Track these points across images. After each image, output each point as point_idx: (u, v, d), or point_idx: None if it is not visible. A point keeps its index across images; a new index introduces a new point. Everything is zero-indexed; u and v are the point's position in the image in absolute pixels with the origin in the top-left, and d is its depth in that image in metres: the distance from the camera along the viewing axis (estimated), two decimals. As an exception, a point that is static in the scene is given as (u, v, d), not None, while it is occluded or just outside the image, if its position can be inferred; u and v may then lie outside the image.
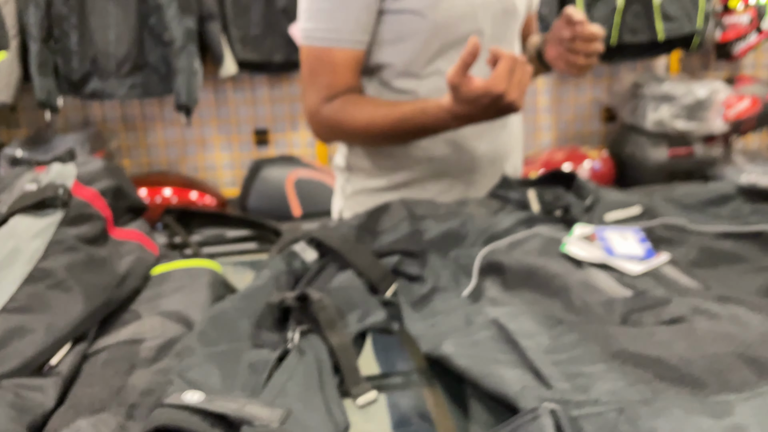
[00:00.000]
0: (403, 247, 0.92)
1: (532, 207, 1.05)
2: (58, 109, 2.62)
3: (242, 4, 2.68)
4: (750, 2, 2.90)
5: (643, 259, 0.88)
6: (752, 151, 3.33)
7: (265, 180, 2.70)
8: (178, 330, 0.66)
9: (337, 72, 1.13)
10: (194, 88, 2.61)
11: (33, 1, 2.49)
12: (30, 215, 0.71)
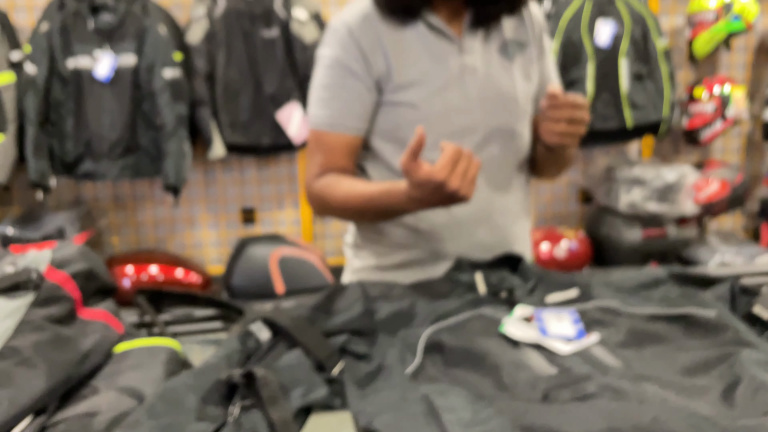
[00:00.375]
0: (354, 327, 0.99)
1: (479, 289, 1.12)
2: (50, 190, 2.72)
3: (232, 91, 2.82)
4: (714, 92, 3.06)
5: (573, 340, 0.94)
6: (726, 232, 3.43)
7: (250, 258, 2.78)
8: (131, 404, 0.72)
9: (331, 153, 1.26)
10: (183, 169, 2.72)
11: (33, 88, 2.62)
12: (3, 297, 0.78)
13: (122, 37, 2.67)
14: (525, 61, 1.31)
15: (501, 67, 1.28)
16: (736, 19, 2.94)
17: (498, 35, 1.29)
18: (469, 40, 1.27)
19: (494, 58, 1.29)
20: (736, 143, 3.45)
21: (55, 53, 2.64)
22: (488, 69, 1.28)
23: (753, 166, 3.46)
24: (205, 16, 2.77)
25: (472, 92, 1.27)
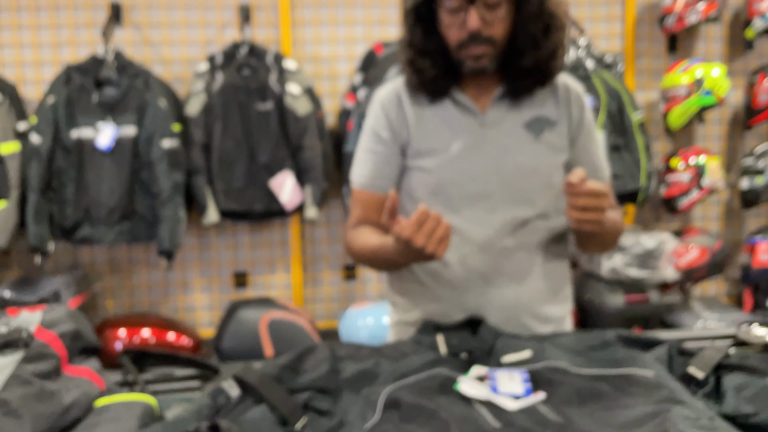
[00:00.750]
0: (320, 385, 1.06)
1: (441, 349, 1.21)
2: (49, 254, 2.81)
3: (227, 160, 2.95)
4: (690, 162, 3.19)
5: (521, 397, 1.02)
6: (709, 298, 3.50)
7: (240, 321, 2.84)
8: (105, 453, 0.80)
9: (365, 208, 1.45)
10: (178, 234, 2.82)
11: (36, 157, 2.75)
12: (-5, 354, 0.87)
13: (124, 110, 2.82)
14: (554, 137, 1.39)
15: (524, 141, 1.38)
16: (707, 94, 3.09)
17: (528, 110, 1.39)
18: (494, 113, 1.38)
19: (518, 132, 1.38)
20: (716, 211, 3.56)
21: (59, 124, 2.78)
22: (509, 142, 1.38)
23: (732, 233, 3.56)
24: (203, 90, 2.93)
25: (489, 162, 1.37)
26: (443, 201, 1.39)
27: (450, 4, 1.29)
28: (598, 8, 3.35)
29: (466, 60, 1.34)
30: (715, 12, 3.12)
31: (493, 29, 1.30)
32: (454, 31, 1.32)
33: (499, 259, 1.39)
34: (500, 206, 1.37)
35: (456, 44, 1.33)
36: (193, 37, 3.12)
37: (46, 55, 3.05)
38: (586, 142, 1.43)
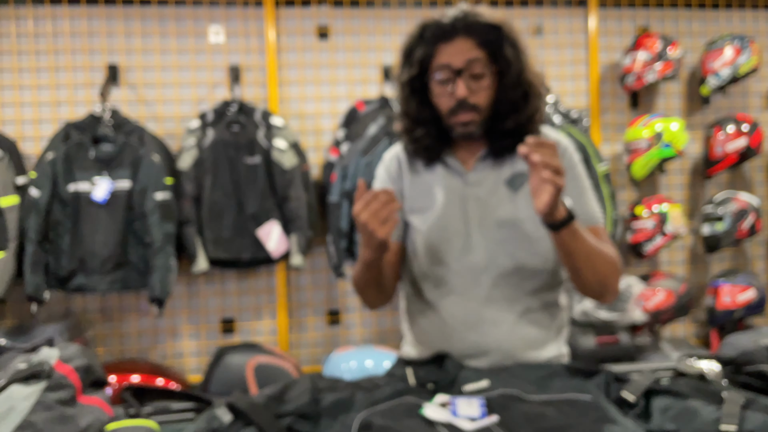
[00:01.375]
0: (301, 412, 1.21)
1: (410, 381, 1.36)
2: (44, 302, 2.93)
3: (216, 211, 3.12)
4: (653, 210, 3.40)
5: (477, 419, 1.17)
6: (678, 339, 3.66)
7: (227, 365, 2.95)
8: (117, 465, 0.94)
9: None
10: (168, 283, 2.95)
11: (35, 209, 2.90)
12: (23, 384, 1.01)
13: (119, 165, 2.98)
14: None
15: (505, 197, 1.51)
16: (666, 146, 3.31)
17: (509, 167, 1.53)
18: (478, 173, 1.53)
19: (500, 189, 1.52)
20: (681, 256, 3.75)
21: (57, 179, 2.94)
22: (490, 198, 1.51)
23: (698, 276, 3.75)
24: (195, 145, 3.11)
25: (472, 218, 1.52)
26: (433, 255, 1.54)
27: (440, 76, 1.46)
28: (565, 67, 3.60)
29: (456, 126, 1.50)
30: (671, 71, 3.37)
31: (478, 97, 1.47)
32: (444, 100, 1.48)
33: (485, 308, 1.51)
34: (484, 259, 1.50)
35: (447, 111, 1.49)
36: (185, 96, 3.32)
37: (46, 114, 3.23)
38: (572, 189, 1.51)
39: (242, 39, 3.35)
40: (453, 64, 1.45)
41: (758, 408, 1.19)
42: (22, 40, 3.20)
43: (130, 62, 3.28)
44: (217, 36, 3.32)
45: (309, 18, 3.39)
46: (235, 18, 3.34)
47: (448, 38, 1.46)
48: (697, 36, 3.69)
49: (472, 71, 1.45)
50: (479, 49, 1.45)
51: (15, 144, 3.10)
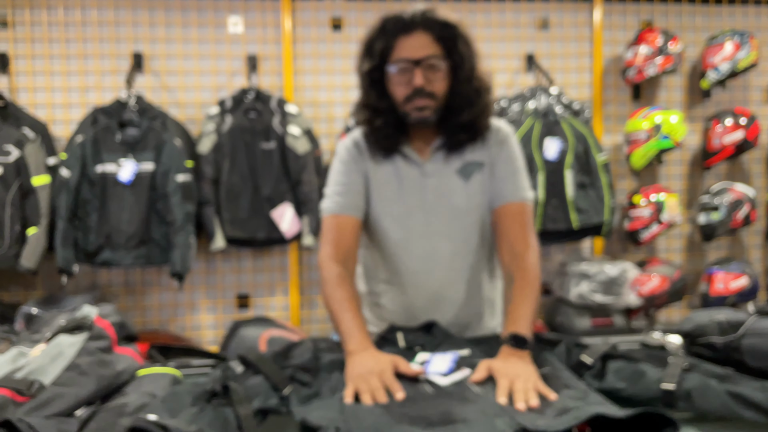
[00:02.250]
0: (303, 366, 1.40)
1: (400, 344, 1.54)
2: (74, 275, 3.15)
3: (234, 193, 3.31)
4: (651, 198, 3.54)
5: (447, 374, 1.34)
6: (674, 323, 3.80)
7: (242, 338, 3.15)
8: (149, 399, 1.13)
9: (338, 231, 1.67)
10: (188, 259, 3.16)
11: (65, 188, 3.11)
12: (68, 334, 1.20)
13: (143, 148, 3.18)
14: (483, 178, 1.69)
15: (457, 186, 1.68)
16: (665, 138, 3.45)
17: (459, 158, 1.69)
18: (433, 164, 1.68)
19: (452, 178, 1.68)
20: (679, 244, 3.89)
21: (86, 160, 3.14)
22: (445, 188, 1.68)
23: (694, 264, 3.89)
24: (214, 131, 3.30)
25: (430, 206, 1.69)
26: (395, 241, 1.70)
27: (399, 66, 1.59)
28: (569, 60, 3.73)
29: (411, 112, 1.62)
30: (671, 65, 3.49)
31: (434, 86, 1.60)
32: (401, 88, 1.61)
33: (442, 288, 1.71)
34: (440, 243, 1.69)
35: (403, 98, 1.62)
36: (205, 84, 3.50)
37: (75, 98, 3.43)
38: (502, 164, 1.68)
39: (260, 29, 3.52)
40: (412, 56, 1.58)
41: (698, 371, 1.37)
42: (52, 29, 3.40)
43: (154, 51, 3.47)
44: (235, 26, 3.50)
45: (323, 10, 3.55)
46: (253, 9, 3.51)
47: (408, 31, 1.59)
48: (700, 31, 3.80)
49: (429, 63, 1.58)
50: (436, 44, 1.59)
51: (46, 127, 3.31)
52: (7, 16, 3.37)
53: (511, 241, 1.64)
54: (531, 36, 3.71)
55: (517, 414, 1.13)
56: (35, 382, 1.06)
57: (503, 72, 3.69)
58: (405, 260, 1.70)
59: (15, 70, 3.39)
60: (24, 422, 0.89)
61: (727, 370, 1.40)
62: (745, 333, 1.56)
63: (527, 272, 1.60)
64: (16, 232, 3.08)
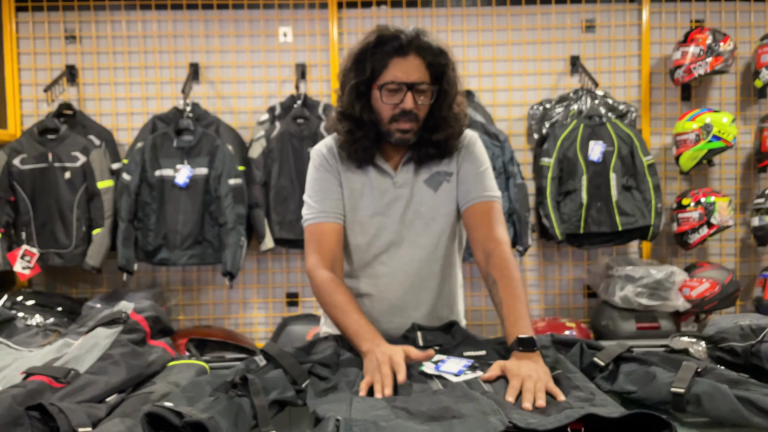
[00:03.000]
0: (324, 362, 1.48)
1: (419, 342, 1.61)
2: (133, 273, 3.35)
3: (282, 196, 3.44)
4: (700, 201, 3.47)
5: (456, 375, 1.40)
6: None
7: (290, 334, 3.28)
8: (173, 389, 1.24)
9: (321, 239, 1.72)
10: (238, 259, 3.31)
11: (126, 192, 3.31)
12: (105, 326, 1.33)
13: (198, 153, 3.35)
14: (450, 187, 1.75)
15: (425, 196, 1.74)
16: (715, 139, 3.38)
17: (426, 169, 1.75)
18: (403, 175, 1.74)
19: (421, 188, 1.75)
20: (733, 248, 3.79)
21: (145, 165, 3.33)
22: (413, 196, 1.74)
23: (749, 268, 3.78)
24: (264, 136, 3.44)
25: (401, 215, 1.75)
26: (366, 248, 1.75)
27: (392, 86, 1.60)
28: (616, 61, 3.70)
29: (395, 132, 1.66)
30: (721, 65, 3.42)
31: (420, 110, 1.65)
32: (389, 108, 1.63)
33: (408, 294, 1.76)
34: (409, 249, 1.74)
35: (389, 118, 1.64)
36: (257, 91, 3.65)
37: (137, 107, 3.65)
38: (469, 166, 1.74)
39: (308, 38, 3.64)
40: (405, 80, 1.60)
41: (710, 375, 1.37)
42: (116, 42, 3.62)
43: (209, 61, 3.64)
44: (285, 36, 3.63)
45: (369, 18, 3.65)
46: (302, 19, 3.64)
47: (402, 54, 1.60)
48: (755, 29, 3.70)
49: (419, 88, 1.62)
50: (427, 70, 1.62)
51: (111, 134, 3.53)
52: (75, 31, 3.61)
53: (482, 240, 1.69)
54: (576, 38, 3.69)
55: (512, 412, 1.18)
56: (72, 370, 1.18)
57: (548, 74, 3.69)
58: (374, 265, 1.76)
59: (82, 81, 3.63)
60: (55, 406, 1.01)
61: (741, 376, 1.40)
62: (765, 338, 1.55)
63: (506, 269, 1.61)
64: (83, 233, 3.30)
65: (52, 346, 1.32)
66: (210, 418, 1.08)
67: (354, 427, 1.08)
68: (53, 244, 3.30)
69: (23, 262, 3.25)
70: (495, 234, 1.68)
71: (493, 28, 3.66)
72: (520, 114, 3.70)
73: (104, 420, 1.11)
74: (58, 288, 3.67)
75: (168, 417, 1.06)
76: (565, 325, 3.44)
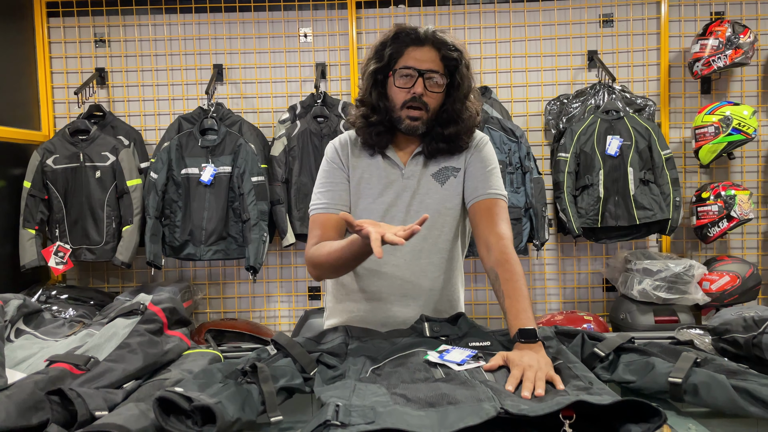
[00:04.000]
0: (332, 351, 1.55)
1: (426, 333, 1.66)
2: (161, 268, 3.46)
3: (303, 193, 3.52)
4: (720, 194, 3.46)
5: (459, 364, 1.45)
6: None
7: (311, 326, 3.36)
8: (186, 376, 1.32)
9: (324, 229, 1.78)
10: (261, 254, 3.40)
11: (154, 189, 3.42)
12: (124, 317, 1.41)
13: (222, 152, 3.45)
14: (456, 183, 1.82)
15: (431, 188, 1.81)
16: (735, 132, 3.36)
17: (435, 164, 1.82)
18: (412, 167, 1.81)
19: (428, 181, 1.81)
20: (755, 241, 3.77)
21: (172, 164, 3.44)
22: (420, 188, 1.81)
23: (772, 261, 3.76)
24: (285, 135, 3.52)
25: (408, 205, 1.81)
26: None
27: (405, 72, 1.71)
28: (635, 55, 3.70)
29: (405, 119, 1.73)
30: (740, 57, 3.40)
31: (430, 99, 1.72)
32: (401, 93, 1.72)
33: (417, 280, 1.82)
34: (414, 240, 1.76)
35: (400, 103, 1.73)
36: (278, 91, 3.74)
37: (164, 107, 3.76)
38: (476, 164, 1.81)
39: (328, 38, 3.71)
40: (418, 66, 1.70)
41: (709, 366, 1.41)
42: (143, 45, 3.74)
43: (233, 62, 3.74)
44: (306, 37, 3.71)
45: (387, 17, 3.70)
46: (322, 19, 3.71)
47: (418, 45, 1.71)
48: (777, 20, 3.67)
49: (430, 77, 1.70)
50: (440, 61, 1.71)
51: (139, 134, 3.64)
52: (104, 35, 3.73)
53: (485, 236, 1.74)
54: (594, 33, 3.70)
55: (506, 398, 1.23)
56: (92, 358, 1.27)
57: (565, 70, 3.71)
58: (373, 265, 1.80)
59: (111, 83, 3.75)
60: (73, 391, 1.09)
61: (741, 366, 1.43)
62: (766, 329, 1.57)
63: (507, 264, 1.66)
64: (113, 229, 3.42)
65: (76, 335, 1.41)
66: (217, 402, 1.15)
67: (353, 412, 1.15)
68: (85, 241, 3.43)
69: (57, 258, 3.39)
70: (497, 230, 1.73)
71: (510, 25, 3.69)
72: (537, 110, 3.72)
73: (120, 404, 1.19)
74: (91, 283, 3.81)
75: (178, 401, 1.13)
76: (583, 319, 3.46)
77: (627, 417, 1.18)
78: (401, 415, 1.14)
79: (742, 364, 1.47)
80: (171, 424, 1.11)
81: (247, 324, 3.60)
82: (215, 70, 3.69)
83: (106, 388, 1.21)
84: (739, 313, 1.71)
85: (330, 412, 1.13)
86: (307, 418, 1.31)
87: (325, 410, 1.15)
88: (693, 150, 3.51)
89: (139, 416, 1.06)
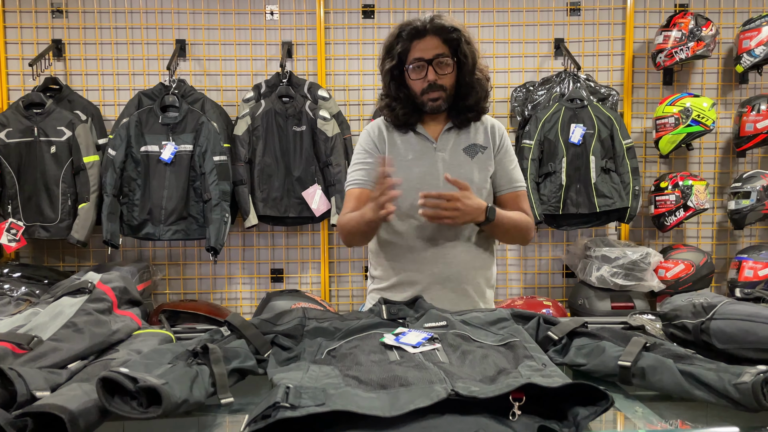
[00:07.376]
0: (287, 333, 1.54)
1: (384, 315, 1.66)
2: (118, 247, 3.39)
3: (267, 174, 3.48)
4: (678, 184, 3.52)
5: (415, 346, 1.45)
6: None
7: (273, 308, 3.34)
8: (135, 356, 1.29)
9: (357, 201, 1.98)
10: (222, 234, 3.35)
11: (112, 166, 3.35)
12: (70, 295, 1.38)
13: (183, 130, 3.38)
14: (484, 158, 2.00)
15: (463, 161, 1.98)
16: (695, 123, 3.42)
17: (465, 138, 2.00)
18: (443, 142, 2.00)
19: (459, 155, 1.99)
20: (710, 231, 3.85)
21: (131, 140, 3.37)
22: (452, 160, 1.99)
23: (725, 251, 3.84)
24: (249, 114, 3.47)
25: (439, 173, 1.97)
26: (410, 202, 1.95)
27: (415, 64, 1.92)
28: (600, 45, 3.72)
29: (427, 102, 1.96)
30: (702, 50, 3.45)
31: (444, 80, 1.94)
32: (418, 83, 1.95)
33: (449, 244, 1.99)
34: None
35: (420, 91, 1.95)
36: (243, 69, 3.68)
37: (124, 83, 3.67)
38: (504, 160, 2.04)
39: (295, 16, 3.66)
40: (425, 57, 1.91)
41: (657, 350, 1.43)
42: (102, 17, 3.63)
43: (196, 38, 3.66)
44: (272, 14, 3.65)
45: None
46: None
47: (420, 36, 1.91)
48: (738, 14, 3.72)
49: (439, 61, 1.91)
50: (444, 45, 1.91)
51: (97, 109, 3.55)
52: (61, 5, 3.62)
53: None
54: (561, 21, 3.72)
55: (456, 381, 1.23)
56: (35, 337, 1.23)
57: (532, 57, 3.72)
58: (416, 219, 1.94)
59: (69, 55, 3.64)
60: (13, 371, 1.05)
61: (688, 351, 1.46)
62: (714, 316, 1.61)
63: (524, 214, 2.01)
64: (68, 207, 3.34)
65: (21, 314, 1.37)
66: (164, 383, 1.13)
67: (303, 394, 1.13)
68: (39, 218, 3.35)
69: (9, 235, 3.30)
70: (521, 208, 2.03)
71: (479, 10, 3.68)
72: (503, 96, 3.73)
73: (63, 384, 1.16)
74: (46, 261, 3.72)
75: (122, 382, 1.11)
76: (542, 304, 3.50)
77: (576, 400, 1.19)
78: (352, 397, 1.14)
79: (690, 349, 1.50)
80: (115, 405, 1.09)
81: (207, 305, 3.56)
82: (178, 46, 3.61)
83: (50, 368, 1.18)
84: (689, 300, 1.74)
85: (280, 393, 1.12)
86: (260, 400, 1.30)
87: (275, 392, 1.13)
88: (653, 140, 3.56)
89: (81, 396, 1.03)
